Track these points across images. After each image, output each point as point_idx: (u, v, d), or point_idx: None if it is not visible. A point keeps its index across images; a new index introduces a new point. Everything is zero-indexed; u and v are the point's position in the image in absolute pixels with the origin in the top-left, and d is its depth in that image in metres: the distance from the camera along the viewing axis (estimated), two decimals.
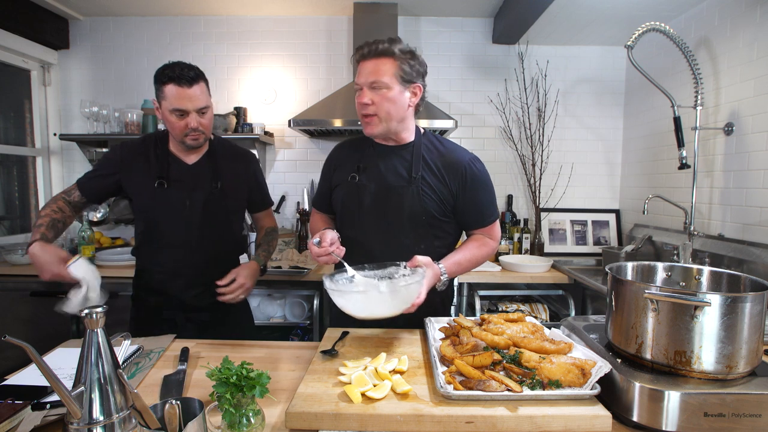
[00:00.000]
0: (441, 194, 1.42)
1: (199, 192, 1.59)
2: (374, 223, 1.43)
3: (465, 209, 1.46)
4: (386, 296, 1.15)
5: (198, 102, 1.49)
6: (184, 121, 1.50)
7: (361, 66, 1.37)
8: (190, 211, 1.58)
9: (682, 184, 2.49)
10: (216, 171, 1.62)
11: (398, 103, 1.36)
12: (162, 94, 1.49)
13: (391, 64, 1.34)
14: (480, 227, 1.49)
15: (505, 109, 3.14)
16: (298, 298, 2.62)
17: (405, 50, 1.36)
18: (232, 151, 1.70)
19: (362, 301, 1.16)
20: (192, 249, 1.60)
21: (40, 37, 2.94)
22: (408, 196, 1.40)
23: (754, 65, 2.04)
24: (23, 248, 2.69)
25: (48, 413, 0.92)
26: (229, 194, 1.64)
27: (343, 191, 1.48)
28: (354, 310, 1.15)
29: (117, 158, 1.61)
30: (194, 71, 1.49)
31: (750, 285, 1.00)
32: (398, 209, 1.40)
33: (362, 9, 2.90)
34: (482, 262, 1.50)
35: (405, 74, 1.35)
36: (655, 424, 0.85)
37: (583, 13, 2.54)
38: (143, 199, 1.59)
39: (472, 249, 1.46)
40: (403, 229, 1.42)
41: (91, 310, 0.73)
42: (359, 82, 1.37)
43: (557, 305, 2.74)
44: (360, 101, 1.37)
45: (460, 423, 0.86)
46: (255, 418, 0.85)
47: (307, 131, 2.89)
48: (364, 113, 1.38)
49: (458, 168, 1.43)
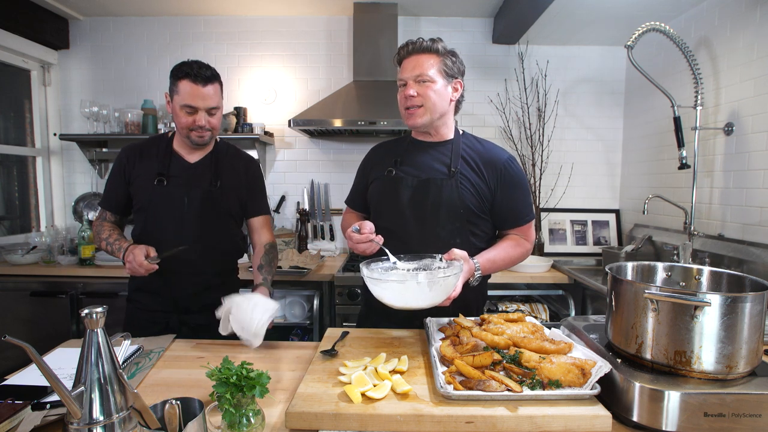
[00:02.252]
0: (480, 189, 1.43)
1: (198, 190, 1.58)
2: (411, 214, 1.43)
3: (501, 207, 1.46)
4: (424, 287, 1.14)
5: (210, 101, 1.50)
6: (192, 117, 1.50)
7: (405, 63, 1.41)
8: (188, 209, 1.57)
9: (682, 184, 2.49)
10: (216, 170, 1.62)
11: (442, 96, 1.41)
12: (176, 89, 1.50)
13: (435, 59, 1.39)
14: (515, 227, 1.49)
15: (505, 109, 3.14)
16: (298, 298, 2.62)
17: (446, 48, 1.43)
18: (235, 153, 1.70)
19: (399, 291, 1.15)
20: (188, 249, 1.58)
21: (40, 37, 2.94)
22: (447, 189, 1.41)
23: (754, 65, 2.04)
24: (23, 248, 2.70)
25: (48, 413, 0.92)
26: (228, 194, 1.63)
27: (380, 184, 1.49)
28: (390, 299, 1.15)
29: (122, 161, 1.61)
30: (211, 71, 1.51)
31: (750, 285, 1.00)
32: (436, 201, 1.41)
33: (362, 9, 2.90)
34: (517, 262, 1.50)
35: (448, 69, 1.41)
36: (655, 424, 0.85)
37: (583, 13, 2.54)
38: (142, 197, 1.58)
39: (507, 248, 1.45)
40: (440, 222, 1.42)
41: (91, 310, 0.73)
42: (404, 77, 1.41)
43: (557, 305, 2.74)
44: (405, 94, 1.40)
45: (460, 423, 0.86)
46: (255, 418, 0.85)
47: (307, 131, 2.89)
48: (409, 105, 1.41)
49: (497, 165, 1.45)
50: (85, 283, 2.55)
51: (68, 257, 2.66)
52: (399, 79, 1.43)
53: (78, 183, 3.23)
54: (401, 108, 1.45)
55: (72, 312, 2.54)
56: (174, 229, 1.57)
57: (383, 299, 1.16)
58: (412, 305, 1.15)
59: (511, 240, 1.48)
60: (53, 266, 2.61)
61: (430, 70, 1.38)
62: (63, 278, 2.54)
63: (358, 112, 2.67)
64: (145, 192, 1.58)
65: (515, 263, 1.50)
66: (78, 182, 3.23)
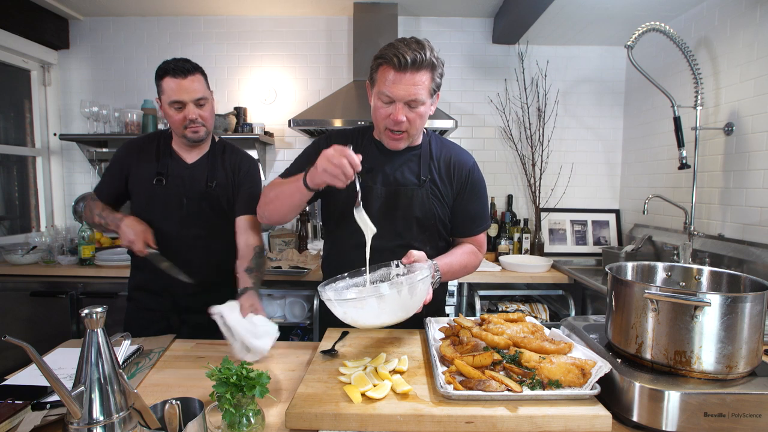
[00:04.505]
0: (446, 197, 1.40)
1: (195, 190, 1.59)
2: (383, 226, 1.30)
3: (458, 214, 1.43)
4: (405, 295, 1.04)
5: (194, 93, 1.49)
6: (182, 113, 1.50)
7: (396, 77, 1.21)
8: (186, 210, 1.58)
9: (682, 184, 2.49)
10: (213, 170, 1.62)
11: (425, 117, 1.30)
12: (161, 89, 1.50)
13: (428, 77, 1.23)
14: (469, 235, 1.47)
15: (505, 109, 3.14)
16: (298, 298, 2.62)
17: (437, 56, 1.25)
18: (231, 151, 1.69)
19: (377, 307, 1.02)
20: (187, 248, 1.59)
21: (40, 37, 2.94)
22: (418, 199, 1.37)
23: (754, 65, 2.04)
24: (23, 248, 2.69)
25: (48, 413, 0.92)
26: (222, 194, 1.62)
27: (344, 194, 1.29)
28: (367, 319, 1.03)
29: (122, 156, 1.62)
30: (190, 63, 1.50)
31: (750, 285, 1.00)
32: (408, 212, 1.37)
33: (362, 9, 2.90)
34: (470, 272, 1.47)
35: (436, 85, 1.28)
36: (655, 424, 0.85)
37: (583, 13, 2.54)
38: (141, 196, 1.59)
39: (464, 255, 1.42)
40: (412, 232, 1.38)
41: (91, 310, 0.73)
42: (395, 95, 1.23)
43: (557, 305, 2.74)
44: (395, 119, 1.25)
45: (460, 423, 0.86)
46: (255, 418, 0.85)
47: (307, 131, 2.89)
48: (395, 129, 1.28)
49: (462, 171, 1.41)
50: (85, 283, 2.55)
51: (68, 257, 2.66)
52: (383, 94, 1.24)
53: (78, 183, 3.24)
54: (380, 125, 1.31)
55: (72, 312, 2.54)
56: (172, 229, 1.58)
57: (358, 321, 1.04)
58: (392, 320, 1.05)
59: (467, 247, 1.45)
60: (53, 266, 2.61)
61: (423, 93, 1.23)
62: (63, 278, 2.54)
63: (358, 112, 2.67)
64: (143, 190, 1.58)
65: (469, 272, 1.46)
66: (78, 182, 3.24)
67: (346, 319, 1.05)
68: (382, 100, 1.26)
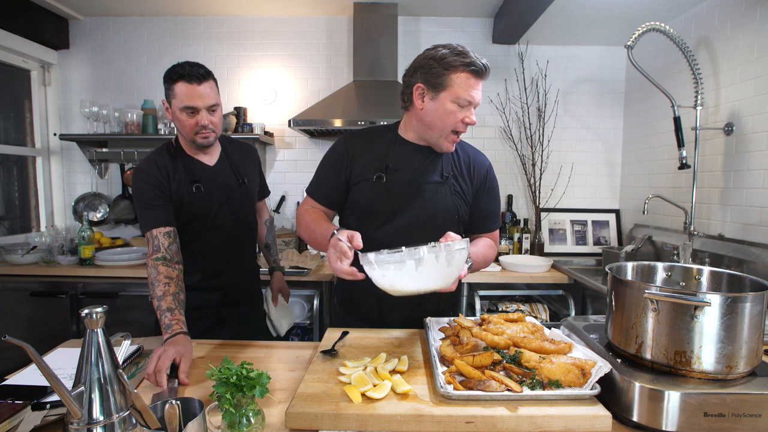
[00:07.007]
0: (467, 194, 1.44)
1: (227, 191, 1.61)
2: (407, 224, 1.38)
3: (477, 212, 1.48)
4: (443, 262, 1.04)
5: (208, 99, 1.48)
6: (194, 119, 1.48)
7: (475, 82, 1.28)
8: (225, 210, 1.60)
9: (682, 184, 2.49)
10: (237, 169, 1.66)
11: None
12: (172, 93, 1.47)
13: None
14: (484, 232, 1.51)
15: (505, 109, 3.14)
16: (298, 298, 2.62)
17: None
18: (239, 147, 1.73)
19: (414, 270, 1.03)
20: (230, 246, 1.64)
21: (40, 37, 2.94)
22: (442, 196, 1.40)
23: (753, 65, 2.04)
24: (23, 248, 2.70)
25: (48, 413, 0.92)
26: (252, 188, 1.72)
27: (368, 191, 1.39)
28: (403, 283, 1.04)
29: (156, 183, 1.50)
30: (204, 69, 1.49)
31: (750, 285, 1.00)
32: (432, 209, 1.39)
33: (362, 9, 2.90)
34: (487, 264, 1.50)
35: None
36: (655, 424, 0.85)
37: (583, 13, 2.54)
38: (183, 206, 1.54)
39: (485, 247, 1.46)
40: (437, 230, 1.36)
41: (91, 310, 0.73)
42: (475, 100, 1.30)
43: (557, 305, 2.74)
44: (470, 121, 1.33)
45: (460, 423, 0.86)
46: (255, 418, 0.85)
47: (307, 131, 2.89)
48: (461, 131, 1.36)
49: (481, 171, 1.46)
50: (85, 283, 2.55)
51: (68, 257, 2.67)
52: (463, 99, 1.28)
53: (78, 183, 3.24)
54: (447, 128, 1.33)
55: (72, 312, 2.54)
56: (215, 233, 1.60)
57: (395, 285, 1.04)
58: (429, 286, 1.04)
59: (486, 241, 1.49)
60: (53, 266, 2.61)
61: None
62: (63, 278, 2.55)
63: (358, 112, 2.67)
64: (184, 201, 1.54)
65: (487, 265, 1.50)
66: (78, 182, 3.24)
67: (383, 283, 1.06)
68: (460, 104, 1.29)
